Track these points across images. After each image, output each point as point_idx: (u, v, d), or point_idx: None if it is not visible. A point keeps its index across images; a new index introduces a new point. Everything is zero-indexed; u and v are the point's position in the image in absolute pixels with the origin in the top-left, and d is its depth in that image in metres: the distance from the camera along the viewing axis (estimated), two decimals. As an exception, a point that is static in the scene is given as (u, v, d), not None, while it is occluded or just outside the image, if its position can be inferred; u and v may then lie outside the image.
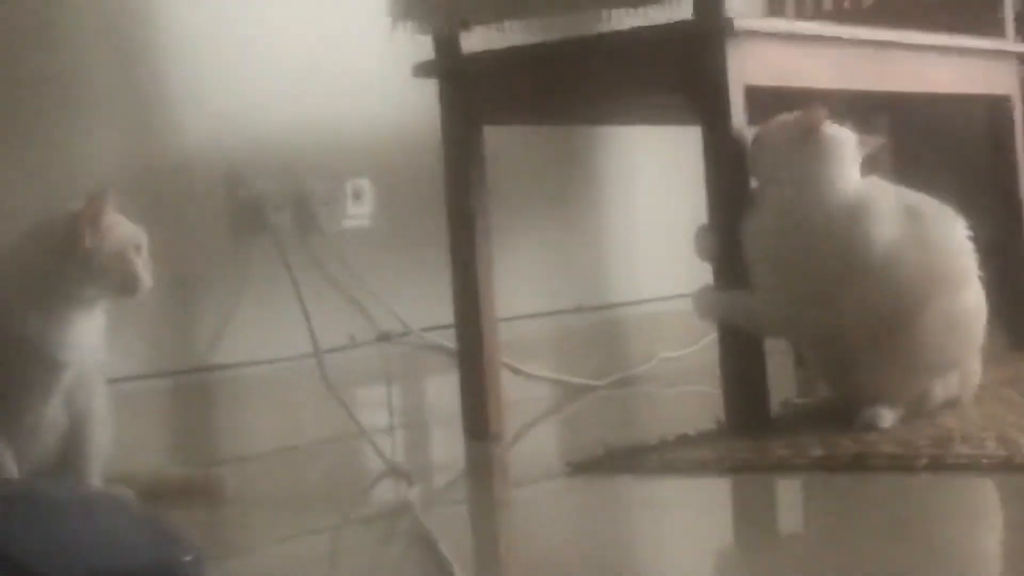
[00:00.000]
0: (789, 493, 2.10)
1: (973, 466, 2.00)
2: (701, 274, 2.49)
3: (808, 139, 2.36)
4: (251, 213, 2.70)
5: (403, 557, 1.87)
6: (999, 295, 3.14)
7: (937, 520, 1.87)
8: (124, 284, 2.12)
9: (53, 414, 2.13)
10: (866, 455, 2.10)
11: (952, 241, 2.40)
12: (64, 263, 2.08)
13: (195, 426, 2.59)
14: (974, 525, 1.85)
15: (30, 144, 2.42)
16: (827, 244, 2.32)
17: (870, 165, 2.46)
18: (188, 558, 1.68)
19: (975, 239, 2.43)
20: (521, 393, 3.06)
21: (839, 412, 2.36)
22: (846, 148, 2.39)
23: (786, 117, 2.41)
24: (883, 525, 1.83)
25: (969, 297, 2.40)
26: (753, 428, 2.36)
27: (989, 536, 1.79)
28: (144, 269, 2.13)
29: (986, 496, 1.97)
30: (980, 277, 2.42)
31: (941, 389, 2.37)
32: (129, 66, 2.57)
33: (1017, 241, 3.16)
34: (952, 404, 2.41)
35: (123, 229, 2.13)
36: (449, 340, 2.82)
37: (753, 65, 2.43)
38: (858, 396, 2.35)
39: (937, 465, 2.02)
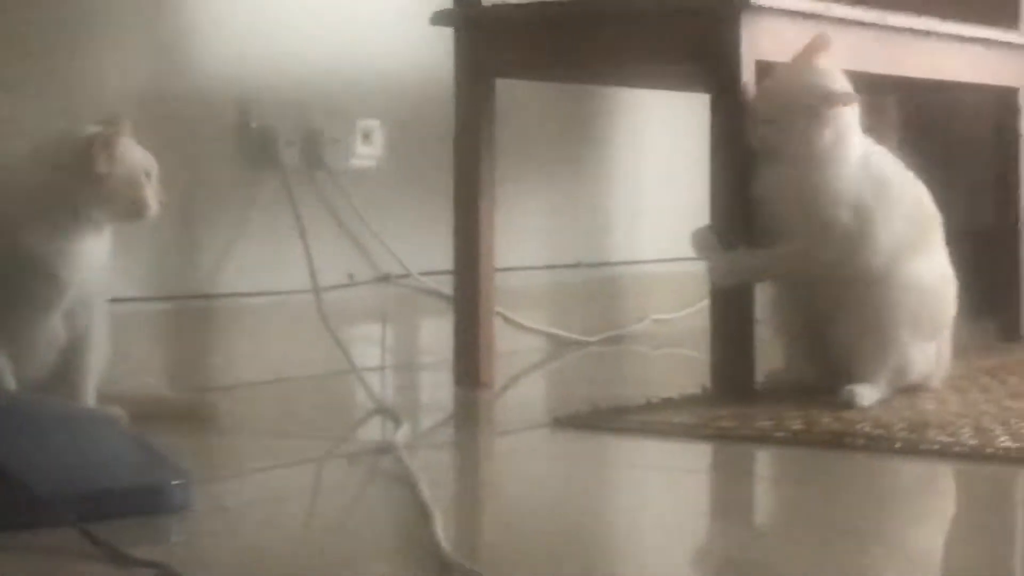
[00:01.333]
0: (766, 465, 2.14)
1: (946, 453, 2.04)
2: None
3: (832, 104, 2.36)
4: (260, 146, 2.73)
5: (384, 496, 1.91)
6: (991, 285, 3.19)
7: (905, 504, 1.91)
8: (132, 209, 2.16)
9: (53, 330, 2.17)
10: (844, 434, 2.14)
11: (923, 207, 2.45)
12: (76, 184, 2.12)
13: (191, 352, 2.63)
14: (934, 511, 1.89)
15: (42, 63, 2.45)
16: (836, 209, 2.36)
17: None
18: (177, 482, 1.73)
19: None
20: (513, 343, 3.10)
21: (820, 387, 2.40)
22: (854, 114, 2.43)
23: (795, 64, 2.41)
24: (854, 504, 1.87)
25: (938, 264, 2.45)
26: (737, 397, 2.40)
27: (944, 523, 1.83)
28: (152, 195, 2.17)
29: (953, 483, 2.01)
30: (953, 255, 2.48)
31: (919, 363, 2.42)
32: (149, -9, 2.60)
33: (1012, 233, 3.19)
34: (927, 386, 2.45)
35: (135, 155, 2.16)
36: (446, 286, 2.86)
37: (766, 40, 2.46)
38: (838, 371, 2.39)
39: (911, 449, 2.06)
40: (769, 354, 2.54)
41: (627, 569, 1.62)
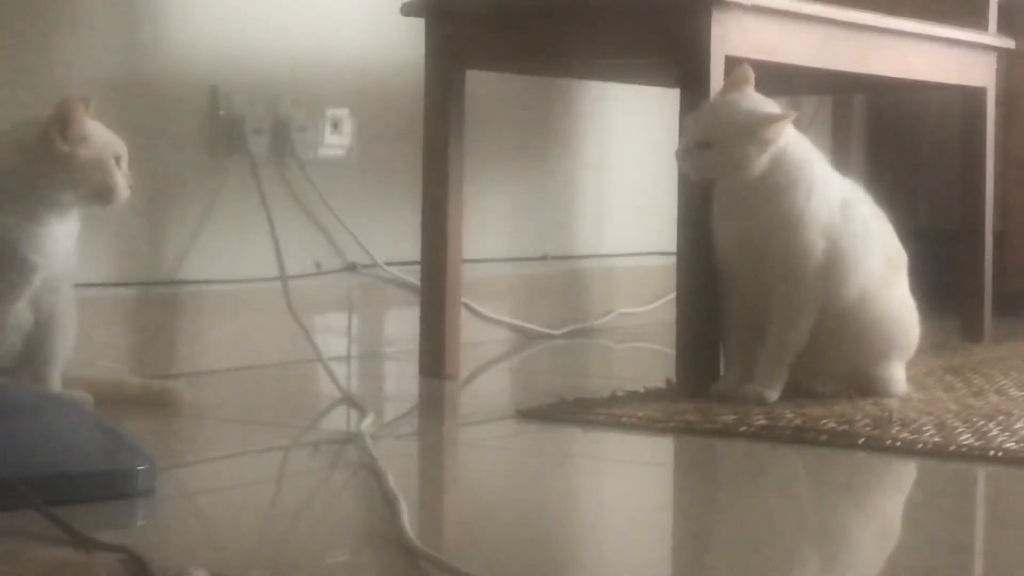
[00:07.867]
0: (729, 459, 2.15)
1: (908, 450, 2.05)
2: (668, 235, 2.53)
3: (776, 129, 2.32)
4: (230, 133, 2.72)
5: (349, 485, 1.91)
6: (956, 285, 3.21)
7: (865, 499, 1.93)
8: (101, 192, 2.15)
9: (20, 315, 2.16)
10: (807, 429, 2.15)
11: (893, 234, 2.46)
12: (42, 167, 2.11)
13: (158, 337, 2.63)
14: (895, 507, 1.91)
15: (15, 48, 2.44)
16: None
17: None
18: (141, 467, 1.73)
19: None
20: (479, 335, 3.11)
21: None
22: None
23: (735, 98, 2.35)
24: (815, 499, 1.88)
25: (904, 289, 2.46)
26: (701, 391, 2.41)
27: (904, 520, 1.84)
28: (122, 179, 2.17)
29: (915, 480, 2.03)
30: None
31: (902, 380, 2.43)
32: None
33: (978, 234, 3.20)
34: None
35: (103, 137, 2.16)
36: (413, 276, 2.86)
37: (736, 36, 2.47)
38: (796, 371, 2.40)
39: (874, 445, 2.08)
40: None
41: (589, 559, 1.63)
